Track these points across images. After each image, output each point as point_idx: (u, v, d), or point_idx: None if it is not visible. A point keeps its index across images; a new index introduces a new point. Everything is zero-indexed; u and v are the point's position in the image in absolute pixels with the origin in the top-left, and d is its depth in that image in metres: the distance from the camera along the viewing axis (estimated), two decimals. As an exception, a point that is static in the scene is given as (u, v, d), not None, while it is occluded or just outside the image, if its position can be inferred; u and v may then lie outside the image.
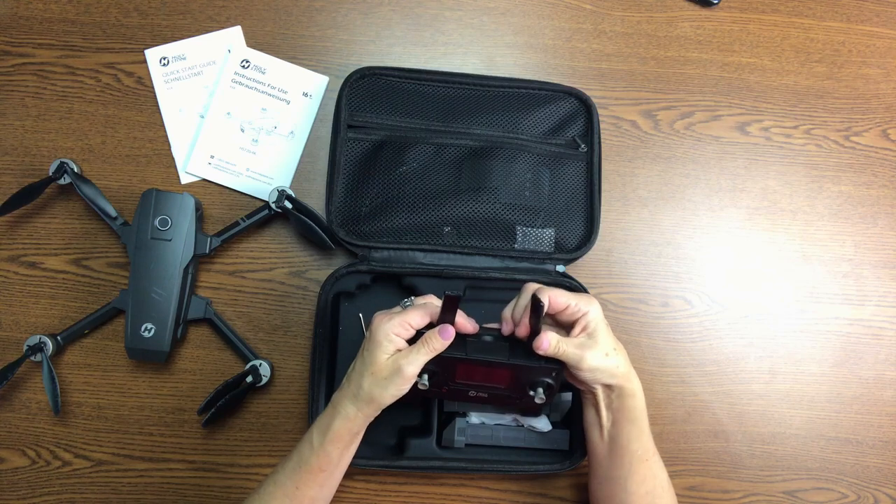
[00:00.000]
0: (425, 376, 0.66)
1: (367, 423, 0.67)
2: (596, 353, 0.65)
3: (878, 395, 0.88)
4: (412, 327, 0.65)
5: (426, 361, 0.64)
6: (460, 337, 0.66)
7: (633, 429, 0.68)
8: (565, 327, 0.69)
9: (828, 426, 0.88)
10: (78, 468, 0.81)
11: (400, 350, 0.64)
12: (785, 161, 0.91)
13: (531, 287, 0.68)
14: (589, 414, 0.71)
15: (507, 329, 0.68)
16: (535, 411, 0.78)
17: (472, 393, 0.69)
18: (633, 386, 0.68)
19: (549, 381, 0.68)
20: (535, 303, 0.63)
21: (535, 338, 0.65)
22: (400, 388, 0.64)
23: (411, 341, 0.65)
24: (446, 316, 0.64)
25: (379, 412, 0.66)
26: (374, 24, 0.89)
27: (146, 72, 0.86)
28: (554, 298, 0.66)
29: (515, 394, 0.69)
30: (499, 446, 0.80)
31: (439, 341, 0.64)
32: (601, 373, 0.66)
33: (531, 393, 0.68)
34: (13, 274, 0.83)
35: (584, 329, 0.66)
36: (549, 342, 0.65)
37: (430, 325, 0.66)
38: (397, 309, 0.67)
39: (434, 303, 0.67)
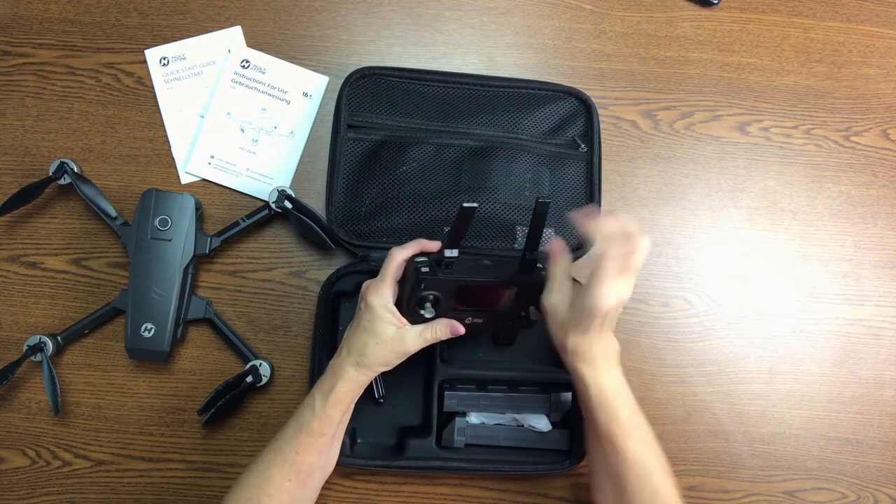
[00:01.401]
0: (428, 305, 0.67)
1: (366, 386, 0.69)
2: (563, 293, 0.66)
3: (878, 395, 0.88)
4: (395, 281, 0.68)
5: (428, 344, 0.67)
6: (462, 261, 0.67)
7: (584, 403, 0.68)
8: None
9: (828, 426, 0.88)
10: (78, 468, 0.81)
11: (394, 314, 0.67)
12: (785, 161, 0.91)
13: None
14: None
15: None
16: (525, 326, 0.75)
17: (468, 319, 0.70)
18: (583, 375, 0.65)
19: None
20: (463, 210, 0.63)
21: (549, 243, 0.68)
22: (400, 359, 0.68)
23: (403, 279, 0.69)
24: (457, 232, 0.64)
25: (375, 375, 0.69)
26: (374, 24, 0.89)
27: (146, 72, 0.86)
28: (605, 223, 0.61)
29: (511, 315, 0.70)
30: (499, 446, 0.80)
31: (446, 334, 0.67)
32: (551, 318, 0.66)
33: (523, 314, 0.70)
34: (13, 274, 0.83)
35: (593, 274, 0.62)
36: (560, 247, 0.67)
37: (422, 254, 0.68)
38: (379, 277, 0.69)
39: (394, 249, 0.69)
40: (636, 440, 0.66)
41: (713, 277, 0.89)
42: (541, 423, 0.80)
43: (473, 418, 0.80)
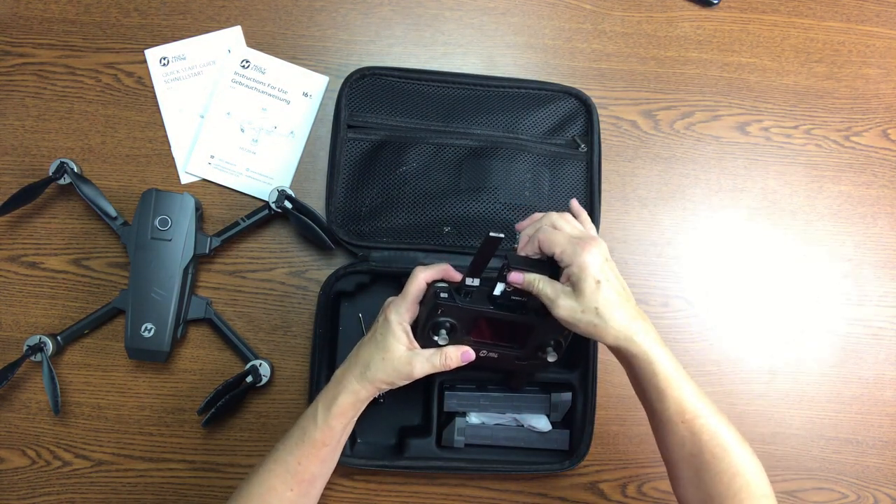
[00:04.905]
0: (443, 332, 0.65)
1: (370, 399, 0.68)
2: (571, 304, 0.61)
3: (878, 395, 0.88)
4: (416, 304, 0.67)
5: (435, 371, 0.66)
6: (482, 292, 0.66)
7: (648, 388, 0.62)
8: None
9: (828, 426, 0.88)
10: (78, 468, 0.81)
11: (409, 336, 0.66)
12: (785, 161, 0.91)
13: (536, 216, 0.67)
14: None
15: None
16: (541, 367, 0.74)
17: (483, 352, 0.68)
18: (634, 350, 0.61)
19: (560, 339, 0.67)
20: (488, 240, 0.61)
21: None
22: (404, 381, 0.66)
23: (423, 301, 0.67)
24: (480, 261, 0.63)
25: (379, 392, 0.67)
26: (374, 24, 0.89)
27: (146, 72, 0.86)
28: (545, 240, 0.63)
29: (527, 353, 0.69)
30: (499, 446, 0.80)
31: (457, 361, 0.66)
32: (576, 327, 0.62)
33: (540, 354, 0.68)
34: (13, 274, 0.83)
35: (568, 279, 0.62)
36: (524, 274, 0.63)
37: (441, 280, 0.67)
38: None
39: (420, 270, 0.68)
40: (706, 415, 0.62)
41: (713, 277, 0.89)
42: (541, 423, 0.80)
43: (473, 418, 0.80)
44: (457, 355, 0.66)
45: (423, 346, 0.66)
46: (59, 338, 0.80)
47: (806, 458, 0.87)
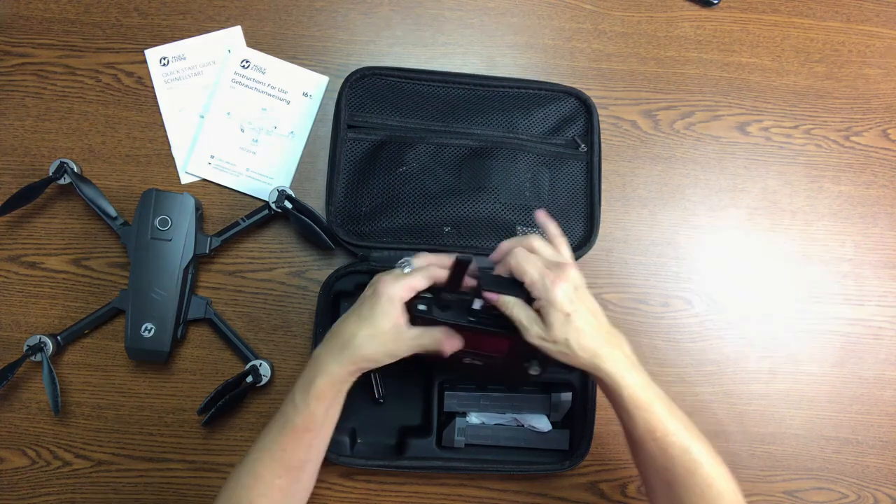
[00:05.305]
0: None
1: (352, 381, 0.65)
2: (542, 334, 0.62)
3: (878, 395, 0.88)
4: (415, 290, 0.64)
5: (421, 351, 0.64)
6: (465, 303, 0.65)
7: (617, 409, 0.64)
8: None
9: (828, 426, 0.88)
10: (78, 468, 0.81)
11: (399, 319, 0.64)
12: (785, 161, 0.91)
13: (504, 246, 0.66)
14: None
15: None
16: (524, 382, 0.74)
17: (467, 360, 0.68)
18: (600, 375, 0.63)
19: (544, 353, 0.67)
20: (457, 263, 0.61)
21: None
22: (389, 358, 0.64)
23: (409, 304, 0.65)
24: (454, 281, 0.63)
25: (361, 373, 0.65)
26: (374, 24, 0.89)
27: (146, 72, 0.86)
28: (516, 267, 0.63)
29: (511, 363, 0.68)
30: (499, 446, 0.81)
31: (441, 344, 0.64)
32: (547, 353, 0.63)
33: (525, 364, 0.68)
34: (13, 274, 0.83)
35: (538, 310, 0.63)
36: (499, 296, 0.63)
37: (432, 288, 0.65)
38: (397, 271, 0.66)
39: (433, 265, 0.66)
40: (677, 432, 0.63)
41: (713, 277, 0.89)
42: (541, 423, 0.80)
43: (473, 418, 0.80)
44: (441, 338, 0.64)
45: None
46: (59, 338, 0.80)
47: (806, 458, 0.87)
